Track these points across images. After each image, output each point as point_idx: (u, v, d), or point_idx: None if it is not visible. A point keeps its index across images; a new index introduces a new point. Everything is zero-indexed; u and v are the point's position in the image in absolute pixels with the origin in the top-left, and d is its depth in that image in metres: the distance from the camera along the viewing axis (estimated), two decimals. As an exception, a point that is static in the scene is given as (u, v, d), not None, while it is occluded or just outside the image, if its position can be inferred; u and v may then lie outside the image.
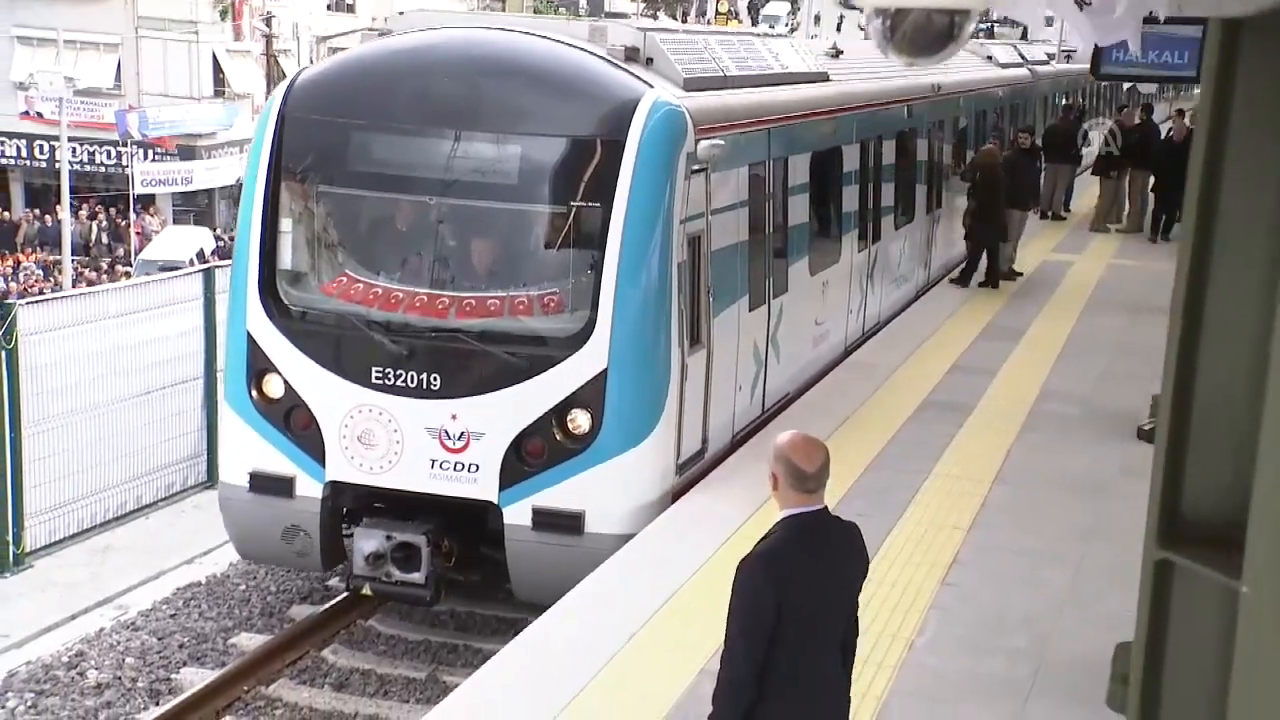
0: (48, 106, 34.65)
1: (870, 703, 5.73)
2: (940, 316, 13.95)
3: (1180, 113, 21.10)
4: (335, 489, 8.15)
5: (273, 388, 8.20)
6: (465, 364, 7.99)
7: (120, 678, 7.96)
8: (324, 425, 8.08)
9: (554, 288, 8.14)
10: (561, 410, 7.83)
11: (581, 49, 8.59)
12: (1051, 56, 26.69)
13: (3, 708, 7.68)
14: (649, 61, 8.84)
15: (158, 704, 7.64)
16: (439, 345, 7.99)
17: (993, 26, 31.94)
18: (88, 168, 37.58)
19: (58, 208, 33.15)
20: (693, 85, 8.98)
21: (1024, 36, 30.20)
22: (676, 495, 8.27)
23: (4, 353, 9.55)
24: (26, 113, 37.12)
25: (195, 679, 7.89)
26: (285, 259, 8.48)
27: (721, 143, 8.54)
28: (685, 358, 8.31)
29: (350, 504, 8.32)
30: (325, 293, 8.46)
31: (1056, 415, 10.45)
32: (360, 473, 8.06)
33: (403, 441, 7.97)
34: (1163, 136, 19.27)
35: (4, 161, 38.80)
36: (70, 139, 32.59)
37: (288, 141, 8.37)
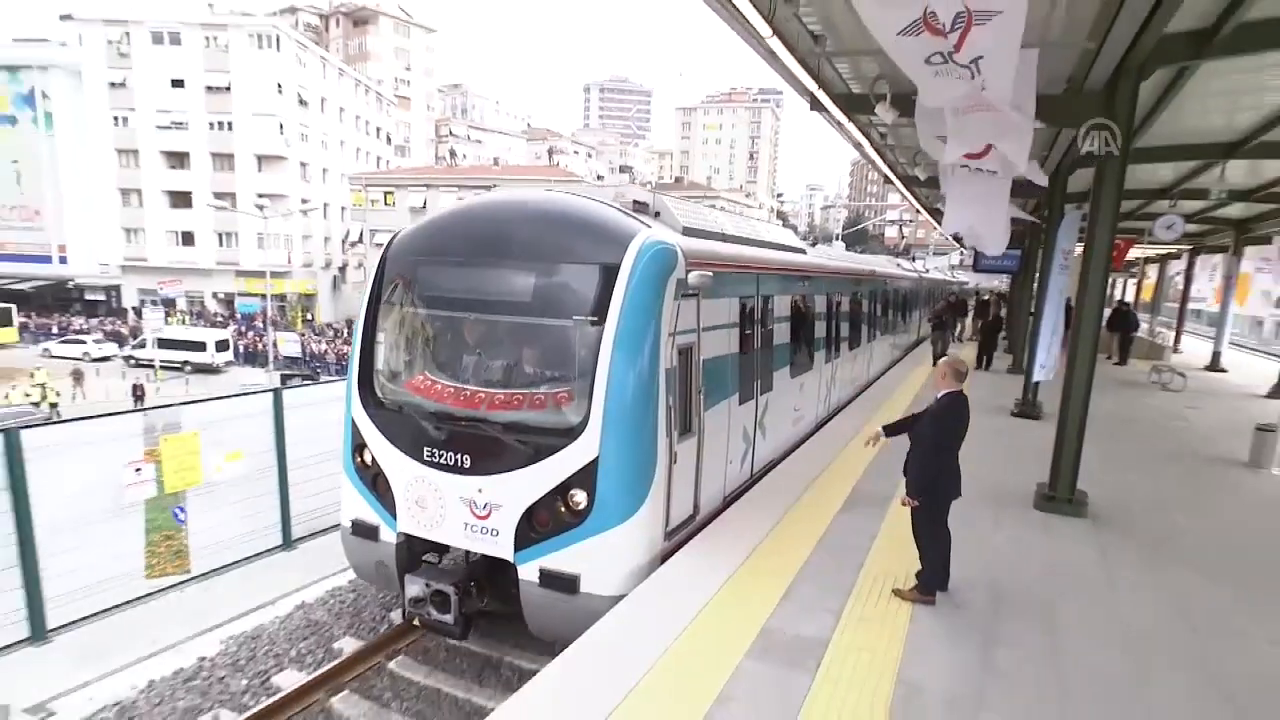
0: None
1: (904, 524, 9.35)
2: (895, 385, 21.95)
3: (998, 297, 38.95)
4: (405, 537, 9.52)
5: (366, 459, 9.69)
6: (488, 448, 8.89)
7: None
8: (395, 489, 9.45)
9: (559, 388, 8.85)
10: (563, 489, 8.62)
11: (601, 202, 9.60)
12: (927, 271, 39.89)
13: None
14: (656, 214, 10.01)
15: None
16: (469, 432, 8.97)
17: (900, 256, 44.58)
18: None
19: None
20: (691, 233, 10.07)
21: (913, 259, 45.94)
22: (669, 555, 9.21)
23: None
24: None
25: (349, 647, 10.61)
26: (376, 362, 9.91)
27: (710, 275, 9.34)
28: (674, 445, 9.05)
29: (418, 548, 9.67)
30: (395, 388, 9.69)
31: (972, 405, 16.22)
32: (418, 527, 9.36)
33: (445, 506, 9.13)
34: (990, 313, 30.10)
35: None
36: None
37: (385, 275, 9.81)
